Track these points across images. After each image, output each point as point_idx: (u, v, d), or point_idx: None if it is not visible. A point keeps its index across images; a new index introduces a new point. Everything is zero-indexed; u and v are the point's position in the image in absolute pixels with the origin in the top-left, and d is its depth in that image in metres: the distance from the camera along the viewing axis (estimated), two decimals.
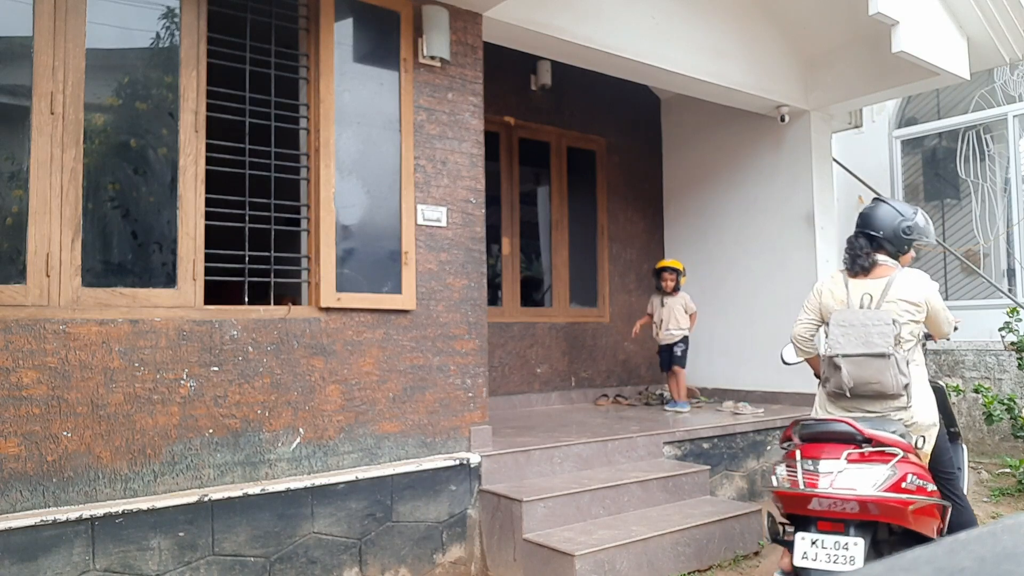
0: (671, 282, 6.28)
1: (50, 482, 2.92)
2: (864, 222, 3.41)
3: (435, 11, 4.05)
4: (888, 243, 3.33)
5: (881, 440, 2.94)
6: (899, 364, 3.07)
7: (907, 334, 3.19)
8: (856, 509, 2.82)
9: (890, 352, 3.06)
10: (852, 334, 3.17)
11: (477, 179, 4.26)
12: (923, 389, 3.21)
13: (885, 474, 2.85)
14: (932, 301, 3.23)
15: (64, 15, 3.10)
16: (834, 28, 6.10)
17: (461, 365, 4.12)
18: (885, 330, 3.10)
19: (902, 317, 3.17)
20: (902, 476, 2.87)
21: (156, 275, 3.38)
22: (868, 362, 3.12)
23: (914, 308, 3.19)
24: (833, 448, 2.95)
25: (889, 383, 3.08)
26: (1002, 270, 7.24)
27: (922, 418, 3.15)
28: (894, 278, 3.23)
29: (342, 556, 3.56)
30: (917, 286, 3.22)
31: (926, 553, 0.59)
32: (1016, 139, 7.13)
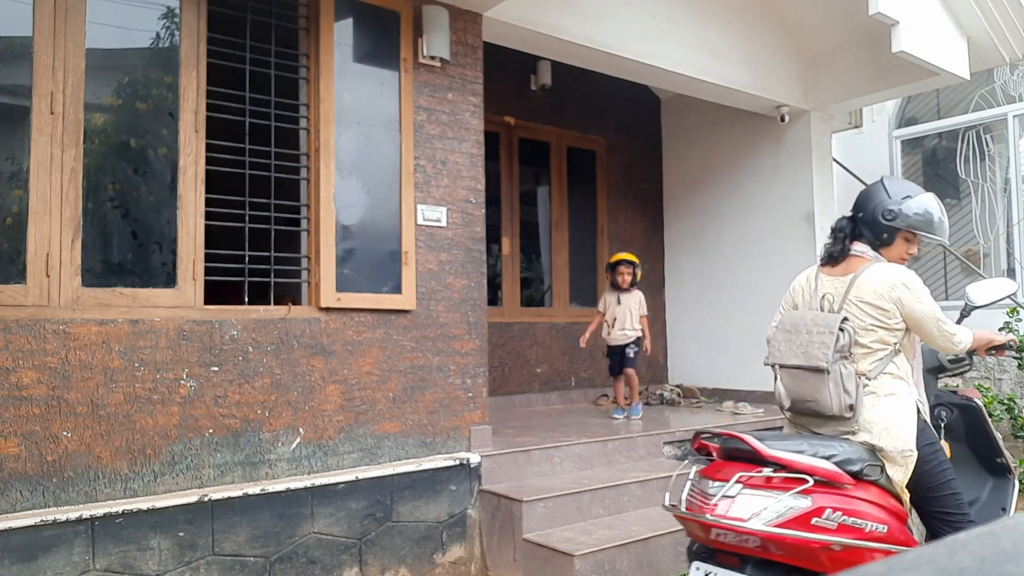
0: (628, 276, 5.81)
1: (50, 482, 2.92)
2: (854, 203, 2.96)
3: (435, 11, 4.05)
4: (865, 227, 2.82)
5: (787, 463, 2.44)
6: (842, 381, 2.58)
7: (872, 343, 2.68)
8: (757, 544, 2.39)
9: (825, 366, 2.58)
10: (795, 342, 2.73)
11: (477, 179, 4.26)
12: (891, 409, 2.62)
13: (785, 505, 2.37)
14: (907, 304, 2.65)
15: (64, 15, 3.10)
16: (834, 28, 6.10)
17: (461, 365, 4.12)
18: (826, 339, 2.62)
19: (862, 322, 2.67)
20: (815, 510, 2.39)
21: (156, 275, 3.38)
22: (804, 376, 2.67)
23: (877, 312, 2.66)
24: (731, 468, 2.52)
25: (825, 402, 2.60)
26: (1002, 270, 7.24)
27: (888, 443, 2.58)
28: (860, 273, 2.72)
29: (342, 556, 3.56)
30: (881, 284, 2.66)
31: (926, 553, 0.59)
32: (1016, 139, 7.13)
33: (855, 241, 2.84)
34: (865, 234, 2.83)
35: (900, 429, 2.60)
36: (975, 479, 3.21)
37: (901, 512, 2.60)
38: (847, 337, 2.62)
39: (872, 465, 2.56)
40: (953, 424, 3.19)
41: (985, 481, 3.21)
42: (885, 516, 2.52)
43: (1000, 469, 3.20)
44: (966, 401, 3.20)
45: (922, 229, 2.81)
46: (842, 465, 2.50)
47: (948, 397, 3.23)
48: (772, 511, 2.37)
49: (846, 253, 2.83)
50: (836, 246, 2.87)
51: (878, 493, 2.56)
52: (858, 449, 2.58)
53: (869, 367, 2.67)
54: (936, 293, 7.49)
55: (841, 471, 2.48)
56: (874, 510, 2.50)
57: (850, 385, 2.59)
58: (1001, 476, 3.19)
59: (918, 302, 2.66)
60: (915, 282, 2.69)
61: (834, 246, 2.88)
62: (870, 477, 2.54)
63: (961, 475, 2.99)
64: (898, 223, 2.78)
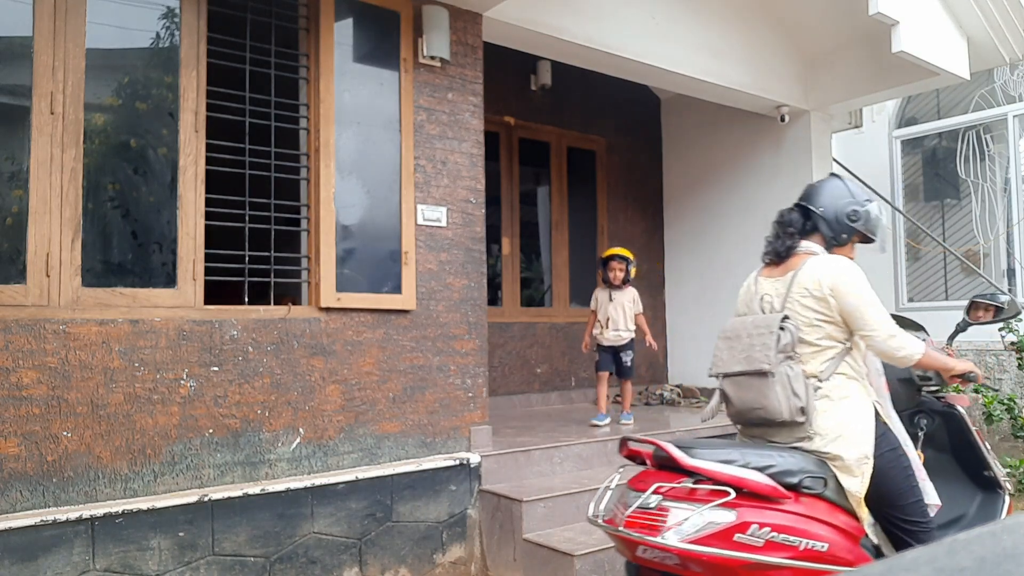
0: (620, 272, 5.41)
1: (50, 482, 2.92)
2: (806, 194, 2.72)
3: (435, 11, 4.05)
4: (825, 224, 2.63)
5: (709, 474, 2.27)
6: (790, 382, 2.39)
7: (820, 340, 2.48)
8: (676, 562, 2.22)
9: (768, 368, 2.39)
10: (736, 347, 2.53)
11: (477, 179, 4.26)
12: (845, 414, 2.43)
13: (704, 519, 2.20)
14: (841, 294, 2.43)
15: (64, 15, 3.10)
16: (834, 28, 6.10)
17: (461, 365, 4.12)
18: (767, 340, 2.43)
19: (805, 318, 2.48)
20: (738, 525, 2.20)
21: (156, 275, 3.38)
22: (749, 382, 2.48)
23: (819, 304, 2.46)
24: (656, 478, 2.35)
25: (774, 407, 2.40)
26: (1002, 270, 7.24)
27: (842, 451, 2.39)
28: (800, 269, 2.53)
29: (342, 556, 3.56)
30: (821, 273, 2.47)
31: (926, 553, 0.59)
32: (1016, 139, 7.13)
33: (806, 238, 2.63)
34: (822, 231, 2.64)
35: (855, 435, 2.41)
36: (962, 493, 2.96)
37: (852, 528, 2.39)
38: (789, 335, 2.43)
39: (814, 477, 2.34)
40: (936, 433, 2.95)
41: (973, 496, 2.97)
42: (827, 533, 2.31)
43: (989, 483, 2.95)
44: (947, 408, 2.95)
45: (874, 233, 2.68)
46: (779, 477, 2.30)
47: (930, 403, 2.96)
48: (690, 525, 2.20)
49: (793, 250, 2.60)
50: (782, 242, 2.62)
51: (824, 508, 2.35)
52: (802, 460, 2.38)
53: (820, 367, 2.48)
54: (936, 294, 7.49)
55: (774, 484, 2.28)
56: (814, 526, 2.29)
57: (799, 386, 2.40)
58: (990, 491, 2.95)
59: (852, 294, 2.43)
60: (854, 272, 2.48)
61: (780, 242, 2.62)
62: (812, 490, 2.33)
63: (946, 489, 2.82)
64: (859, 225, 2.64)
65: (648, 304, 6.47)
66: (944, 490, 2.79)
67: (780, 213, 2.70)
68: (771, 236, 2.68)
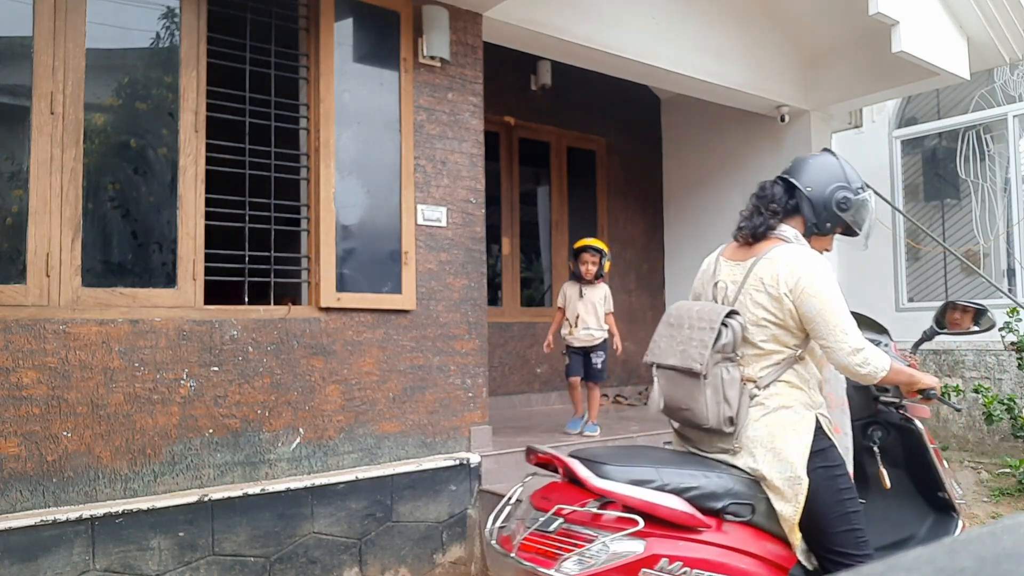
0: (593, 266, 4.97)
1: (50, 482, 2.92)
2: (793, 167, 2.38)
3: (435, 11, 4.05)
4: (810, 207, 2.30)
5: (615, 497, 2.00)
6: (722, 387, 2.13)
7: (765, 343, 2.20)
8: None
9: (699, 369, 2.13)
10: (676, 338, 2.26)
11: (477, 179, 4.26)
12: (779, 426, 2.14)
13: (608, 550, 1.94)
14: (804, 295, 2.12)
15: (64, 15, 3.10)
16: (834, 28, 6.10)
17: (461, 365, 4.12)
18: (706, 336, 2.15)
19: (754, 315, 2.20)
20: (646, 558, 1.95)
21: (156, 275, 3.38)
22: (680, 379, 2.22)
23: (772, 303, 2.17)
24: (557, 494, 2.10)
25: (701, 412, 2.15)
26: (1002, 270, 7.24)
27: (772, 470, 2.11)
28: (762, 256, 2.23)
29: (342, 556, 3.56)
30: (782, 267, 2.16)
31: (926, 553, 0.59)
32: (1016, 139, 7.13)
33: (787, 219, 2.31)
34: (804, 213, 2.31)
35: (788, 451, 2.11)
36: (912, 512, 2.73)
37: (780, 558, 2.14)
38: (731, 334, 2.15)
39: (740, 503, 2.09)
40: (890, 447, 2.70)
41: (925, 516, 2.73)
42: (750, 566, 2.07)
43: (943, 505, 2.69)
44: (904, 422, 2.66)
45: (860, 226, 2.37)
46: (700, 501, 2.06)
47: (886, 415, 2.69)
48: (590, 557, 1.94)
49: (769, 231, 2.28)
50: (762, 220, 2.27)
51: (750, 536, 2.11)
52: (730, 481, 2.12)
53: (760, 373, 2.20)
54: (936, 294, 7.50)
55: (692, 510, 2.03)
56: (735, 559, 2.05)
57: (731, 393, 2.13)
58: (944, 513, 2.69)
59: (816, 296, 2.11)
60: (821, 271, 2.15)
61: (756, 220, 2.28)
62: (740, 517, 2.10)
63: (895, 507, 2.66)
64: (848, 215, 2.32)
65: (648, 305, 6.46)
66: (894, 508, 2.63)
67: (761, 186, 2.37)
68: (747, 211, 2.34)
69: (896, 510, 2.66)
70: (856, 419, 2.62)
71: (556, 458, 2.09)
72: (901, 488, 2.73)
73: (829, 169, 2.34)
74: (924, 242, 7.68)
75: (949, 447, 6.79)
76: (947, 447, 6.79)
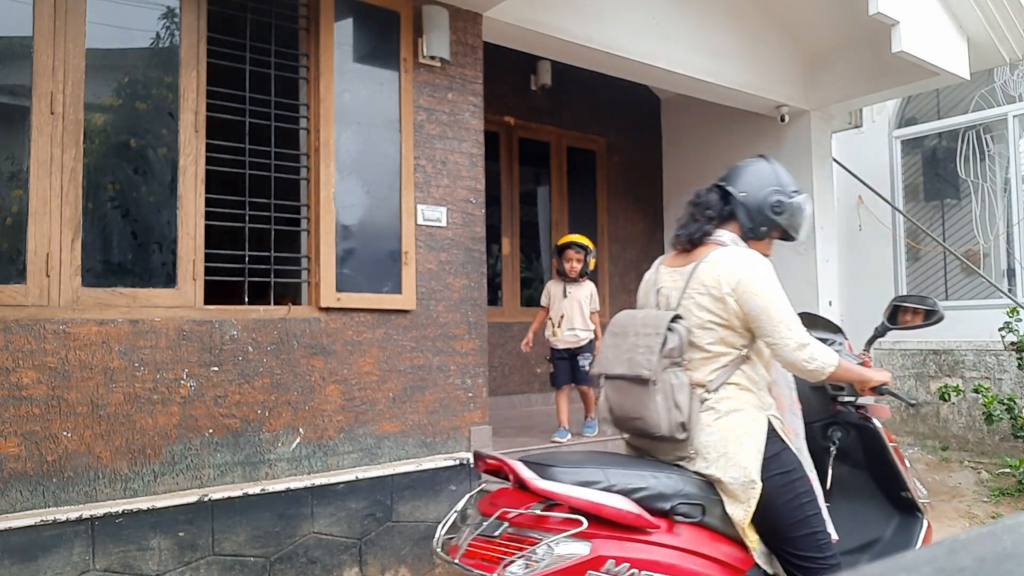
0: (578, 264, 4.80)
1: (50, 482, 2.92)
2: (728, 174, 2.40)
3: (435, 11, 4.05)
4: (745, 212, 2.31)
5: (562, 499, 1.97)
6: (672, 393, 2.11)
7: (711, 345, 2.20)
8: None
9: (648, 375, 2.12)
10: (622, 347, 2.24)
11: (477, 179, 4.27)
12: (731, 430, 2.14)
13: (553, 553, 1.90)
14: (746, 293, 2.13)
15: (64, 15, 3.10)
16: (834, 28, 6.10)
17: (461, 365, 4.13)
18: (652, 342, 2.13)
19: (699, 318, 2.20)
20: (592, 560, 1.91)
21: (156, 275, 3.38)
22: (629, 388, 2.20)
23: (716, 304, 2.17)
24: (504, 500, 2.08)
25: (653, 420, 2.12)
26: (1002, 270, 7.24)
27: (726, 474, 2.10)
28: (703, 260, 2.23)
29: (342, 556, 3.56)
30: (723, 268, 2.17)
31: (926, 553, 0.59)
32: (1016, 139, 7.13)
33: (723, 225, 2.32)
34: (740, 219, 2.32)
35: (741, 455, 2.11)
36: (877, 514, 2.70)
37: (736, 560, 2.11)
38: (677, 338, 2.14)
39: (690, 503, 2.07)
40: (850, 448, 2.67)
41: (890, 518, 2.70)
42: (702, 567, 2.03)
43: (907, 505, 2.66)
44: (863, 421, 2.63)
45: (796, 230, 2.38)
46: (649, 502, 2.02)
47: (845, 415, 2.66)
48: (535, 560, 1.90)
49: (706, 237, 2.28)
50: (698, 226, 2.29)
51: (703, 537, 2.08)
52: (680, 482, 2.10)
53: (709, 376, 2.19)
54: (936, 294, 7.49)
55: (639, 511, 1.98)
56: (686, 560, 2.01)
57: (682, 398, 2.12)
58: (908, 514, 2.66)
59: (759, 294, 2.12)
60: (763, 270, 2.17)
61: (692, 227, 2.30)
62: (690, 518, 2.06)
63: (860, 509, 2.64)
64: (783, 219, 2.33)
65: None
66: (859, 511, 2.60)
67: (696, 193, 2.38)
68: (684, 219, 2.35)
69: (861, 512, 2.63)
70: (815, 420, 2.61)
71: (504, 463, 2.06)
72: (865, 490, 2.71)
73: (763, 175, 2.37)
74: (924, 242, 7.68)
75: (949, 447, 6.79)
76: (947, 447, 6.79)
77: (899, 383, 7.16)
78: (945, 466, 6.29)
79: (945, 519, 4.96)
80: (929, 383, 7.06)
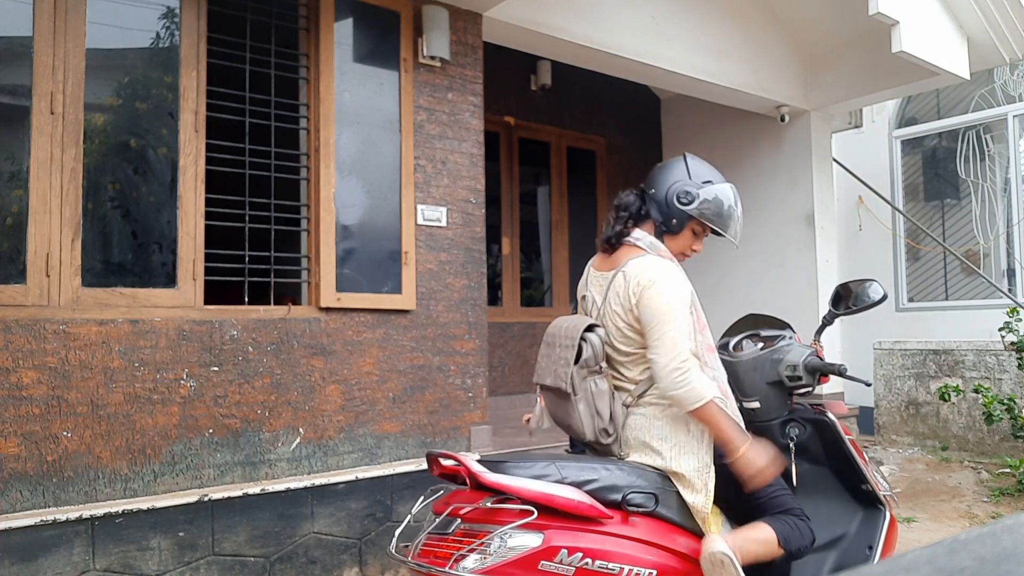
0: None
1: (50, 482, 2.92)
2: (647, 177, 2.45)
3: (435, 11, 4.05)
4: (656, 208, 2.33)
5: (512, 491, 1.96)
6: (593, 401, 2.17)
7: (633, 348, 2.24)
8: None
9: (565, 387, 2.18)
10: (551, 356, 2.30)
11: (477, 179, 4.27)
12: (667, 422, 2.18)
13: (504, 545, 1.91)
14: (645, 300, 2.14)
15: (64, 15, 3.10)
16: (834, 28, 6.10)
17: (461, 365, 4.12)
18: (567, 354, 2.19)
19: (616, 325, 2.25)
20: (544, 551, 1.92)
21: (156, 275, 3.38)
22: (555, 399, 2.29)
23: (627, 314, 2.22)
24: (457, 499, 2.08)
25: (578, 427, 2.20)
26: (1002, 270, 7.24)
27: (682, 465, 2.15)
28: (622, 267, 2.27)
29: (342, 556, 3.56)
30: (632, 276, 2.21)
31: (926, 553, 0.59)
32: (1016, 139, 7.13)
33: (638, 225, 2.36)
34: (653, 216, 2.35)
35: (692, 443, 2.15)
36: (841, 510, 2.68)
37: (691, 551, 2.11)
38: (590, 349, 2.17)
39: (642, 492, 2.07)
40: (808, 444, 2.67)
41: (854, 513, 2.69)
42: (657, 557, 2.03)
43: (868, 498, 2.65)
44: (818, 416, 2.64)
45: (713, 221, 2.35)
46: (601, 493, 2.03)
47: (801, 411, 2.69)
48: (488, 553, 1.90)
49: (623, 238, 2.32)
50: (614, 228, 2.34)
51: (657, 528, 2.08)
52: (632, 474, 2.11)
53: (640, 377, 2.23)
54: (936, 294, 7.50)
55: (591, 501, 1.99)
56: (640, 550, 2.01)
57: (602, 405, 2.16)
58: (871, 507, 2.65)
59: (654, 303, 2.13)
60: (668, 280, 2.18)
61: (611, 228, 2.35)
62: (643, 508, 2.07)
63: (824, 506, 2.63)
64: (692, 209, 2.31)
65: None
66: (823, 507, 2.60)
67: (617, 197, 2.43)
68: (608, 221, 2.40)
69: (825, 509, 2.63)
70: (773, 419, 2.62)
71: (454, 457, 2.06)
72: (827, 486, 2.70)
73: (672, 169, 2.38)
74: (924, 242, 7.68)
75: (949, 447, 6.79)
76: (947, 447, 6.79)
77: (899, 383, 7.16)
78: (945, 466, 6.29)
79: (945, 519, 4.97)
80: (929, 383, 7.06)
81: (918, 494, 5.57)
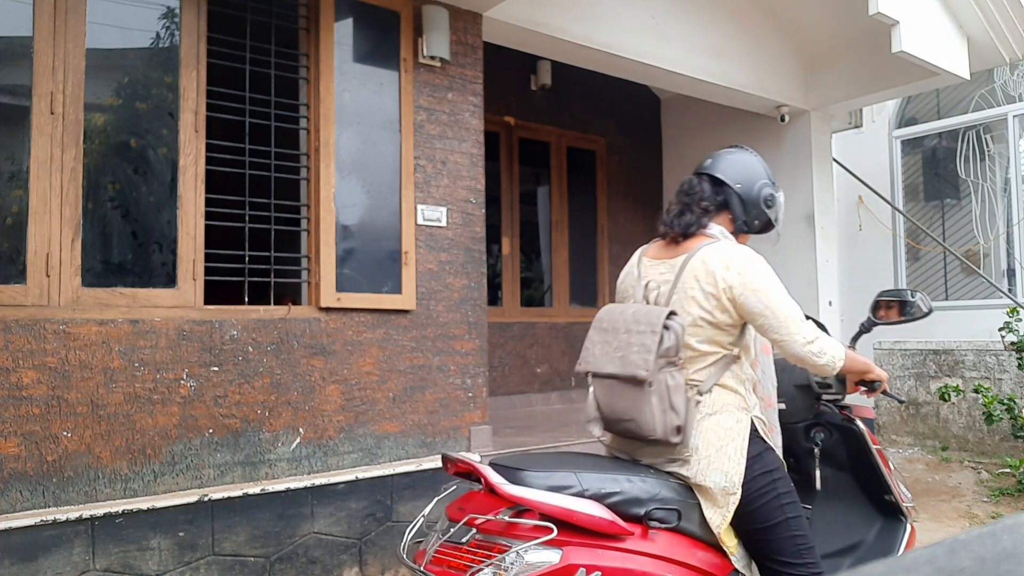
0: None
1: (50, 482, 2.92)
2: (715, 164, 2.31)
3: (435, 11, 4.05)
4: (740, 205, 2.24)
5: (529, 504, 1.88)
6: (668, 394, 2.00)
7: (701, 344, 2.09)
8: None
9: (645, 376, 1.99)
10: (612, 343, 2.10)
11: (477, 179, 4.27)
12: (712, 433, 2.06)
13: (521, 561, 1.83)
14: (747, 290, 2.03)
15: (64, 15, 3.10)
16: (834, 28, 6.10)
17: (461, 365, 4.13)
18: (647, 340, 2.00)
19: (690, 314, 2.08)
20: (562, 569, 1.84)
21: (156, 275, 3.38)
22: (621, 389, 2.07)
23: (707, 300, 2.07)
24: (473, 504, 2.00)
25: (647, 423, 2.01)
26: (1002, 270, 7.24)
27: (708, 479, 2.02)
28: (694, 253, 2.13)
29: (342, 556, 3.56)
30: (716, 263, 2.07)
31: (926, 553, 0.59)
32: (1016, 139, 7.13)
33: (718, 216, 2.25)
34: (734, 211, 2.24)
35: (722, 460, 2.03)
36: (860, 517, 2.64)
37: (713, 567, 2.04)
38: (673, 337, 2.01)
39: (666, 508, 1.98)
40: (833, 449, 2.62)
41: (873, 521, 2.64)
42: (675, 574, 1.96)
43: (890, 508, 2.60)
44: (845, 422, 2.58)
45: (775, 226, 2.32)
46: (623, 507, 1.95)
47: (829, 415, 2.62)
48: (503, 568, 1.83)
49: (701, 229, 2.19)
50: (691, 217, 2.18)
51: (679, 544, 2.00)
52: (657, 486, 2.01)
53: (700, 376, 2.11)
54: (936, 294, 7.50)
55: (613, 517, 1.91)
56: (660, 567, 1.94)
57: (678, 400, 2.00)
58: (892, 517, 2.60)
59: (761, 291, 2.03)
60: (761, 265, 2.08)
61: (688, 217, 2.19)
62: (665, 523, 1.98)
63: (843, 511, 2.60)
64: (772, 213, 2.27)
65: None
66: (841, 513, 2.57)
67: (688, 183, 2.30)
68: (675, 209, 2.26)
69: (843, 515, 2.60)
70: (798, 421, 2.58)
71: (473, 467, 1.97)
72: (847, 492, 2.66)
73: (754, 167, 2.30)
74: (924, 242, 7.68)
75: (949, 447, 6.79)
76: (947, 447, 6.79)
77: (899, 383, 7.16)
78: (945, 466, 6.29)
79: (945, 519, 4.97)
80: (929, 383, 7.06)
81: (918, 494, 5.57)
